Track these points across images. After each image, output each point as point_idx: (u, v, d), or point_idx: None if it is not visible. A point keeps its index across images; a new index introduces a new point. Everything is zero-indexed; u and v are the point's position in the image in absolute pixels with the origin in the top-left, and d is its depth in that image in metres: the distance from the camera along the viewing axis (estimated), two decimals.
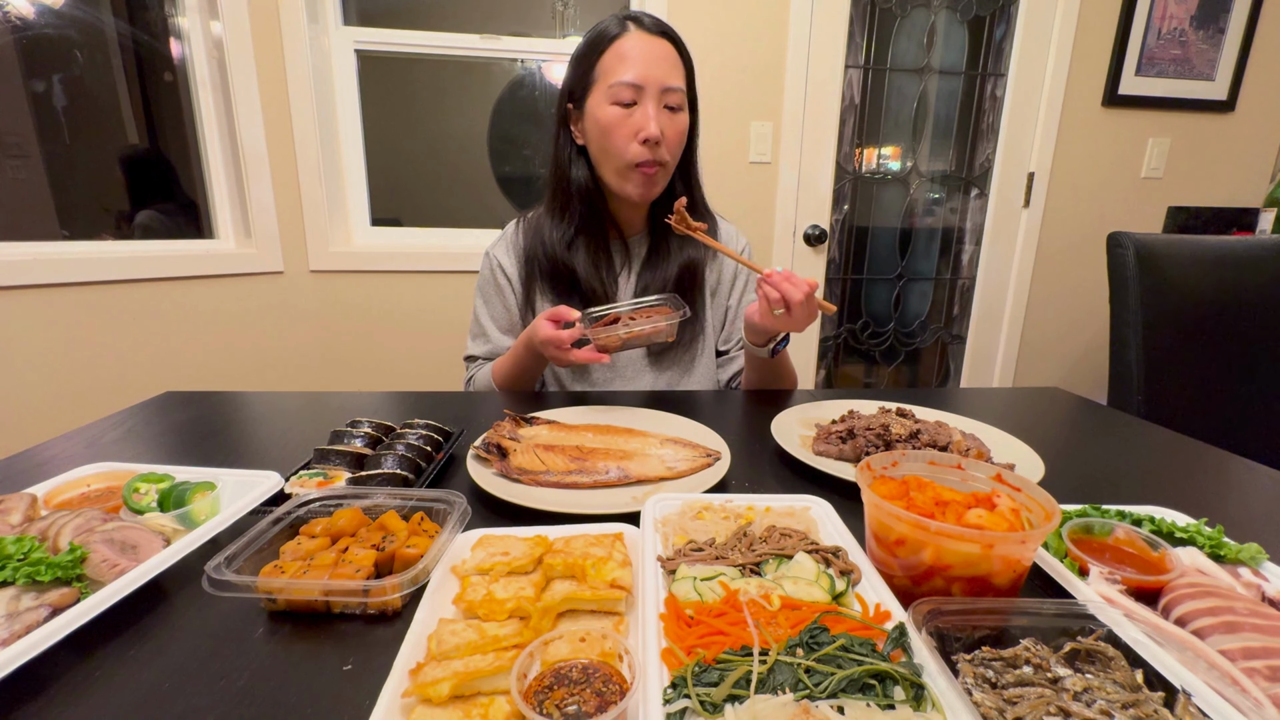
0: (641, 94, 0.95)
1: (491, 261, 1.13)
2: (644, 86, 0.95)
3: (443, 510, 0.57)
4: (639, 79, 0.94)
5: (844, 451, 0.76)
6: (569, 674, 0.37)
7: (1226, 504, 0.70)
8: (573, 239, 1.06)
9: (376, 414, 0.82)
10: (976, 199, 2.27)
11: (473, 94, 2.06)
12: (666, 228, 1.06)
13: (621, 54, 0.95)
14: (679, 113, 0.99)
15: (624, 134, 0.96)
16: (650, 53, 0.95)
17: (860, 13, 2.03)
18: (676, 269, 1.08)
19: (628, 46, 0.95)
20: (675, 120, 0.98)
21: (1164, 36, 2.11)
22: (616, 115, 0.96)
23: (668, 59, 0.96)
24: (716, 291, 1.17)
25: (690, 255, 1.09)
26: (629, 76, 0.94)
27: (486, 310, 1.13)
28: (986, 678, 0.38)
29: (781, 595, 0.45)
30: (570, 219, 1.06)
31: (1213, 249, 1.58)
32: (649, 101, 0.95)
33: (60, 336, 1.61)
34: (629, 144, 0.96)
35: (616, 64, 0.95)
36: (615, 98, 0.95)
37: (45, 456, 0.74)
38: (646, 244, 1.12)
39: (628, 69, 0.94)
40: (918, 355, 2.43)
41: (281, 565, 0.49)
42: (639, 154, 0.96)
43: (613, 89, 0.95)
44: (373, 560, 0.49)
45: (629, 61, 0.95)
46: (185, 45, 1.77)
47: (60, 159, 1.70)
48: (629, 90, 0.95)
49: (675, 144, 1.00)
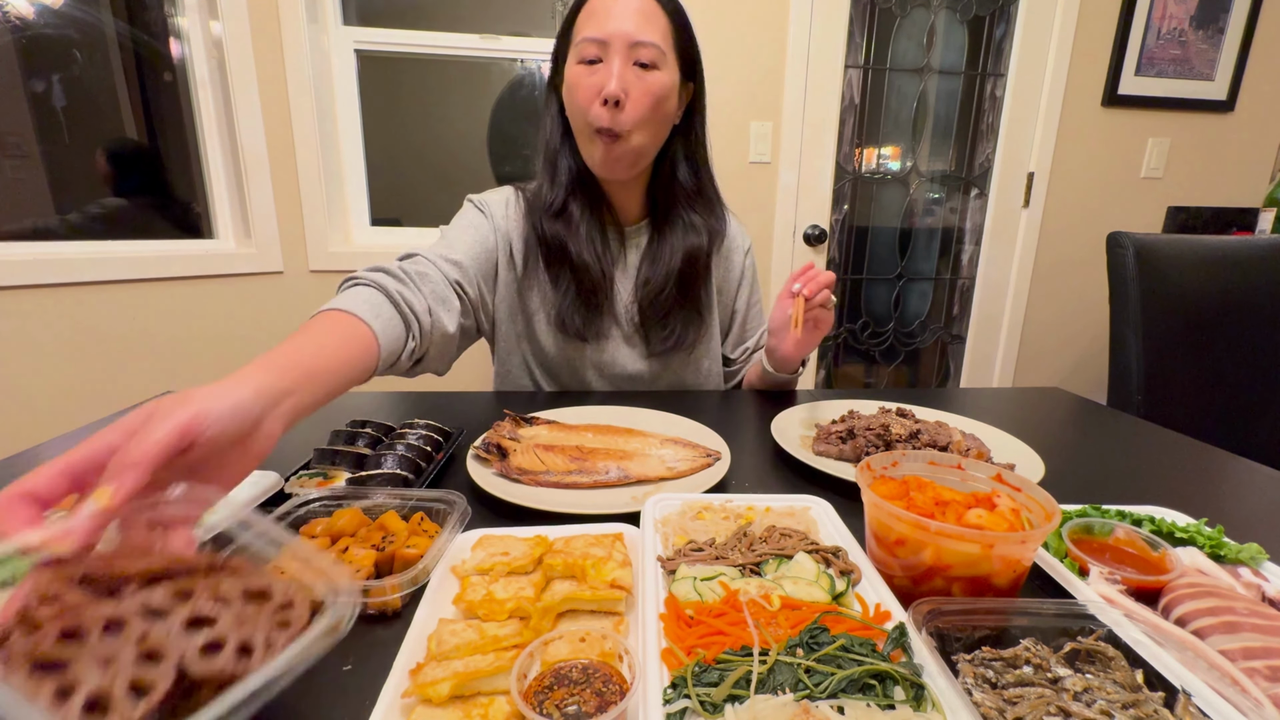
0: (606, 49, 0.86)
1: (473, 200, 1.05)
2: (608, 41, 0.86)
3: (443, 510, 0.56)
4: (604, 34, 0.86)
5: (844, 451, 0.76)
6: (569, 674, 0.37)
7: (1227, 504, 0.70)
8: (563, 206, 0.97)
9: (376, 414, 0.82)
10: (976, 199, 2.27)
11: (473, 94, 2.06)
12: (668, 211, 1.00)
13: (592, 10, 0.88)
14: (652, 71, 0.88)
15: (585, 93, 0.87)
16: (622, 7, 0.86)
17: (860, 13, 2.03)
18: (680, 260, 0.99)
19: (600, 1, 0.88)
20: (645, 79, 0.87)
21: (1164, 36, 2.11)
22: (580, 73, 0.88)
23: (642, 11, 0.87)
24: (723, 290, 1.11)
25: (693, 242, 1.00)
26: (593, 32, 0.86)
27: (454, 232, 1.00)
28: (986, 678, 0.38)
29: (781, 595, 0.45)
30: (560, 186, 0.97)
31: (1213, 249, 1.58)
32: (615, 57, 0.86)
33: (60, 336, 1.61)
34: (591, 104, 0.87)
35: (586, 20, 0.88)
36: (581, 55, 0.88)
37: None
38: (646, 234, 1.04)
39: (594, 24, 0.87)
40: (918, 355, 2.43)
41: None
42: (599, 116, 0.87)
43: (579, 46, 0.88)
44: (373, 560, 0.49)
45: (596, 16, 0.87)
46: (185, 45, 1.76)
47: (60, 159, 1.70)
48: (593, 46, 0.86)
49: (644, 105, 0.87)
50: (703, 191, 1.03)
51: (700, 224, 1.02)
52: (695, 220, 1.02)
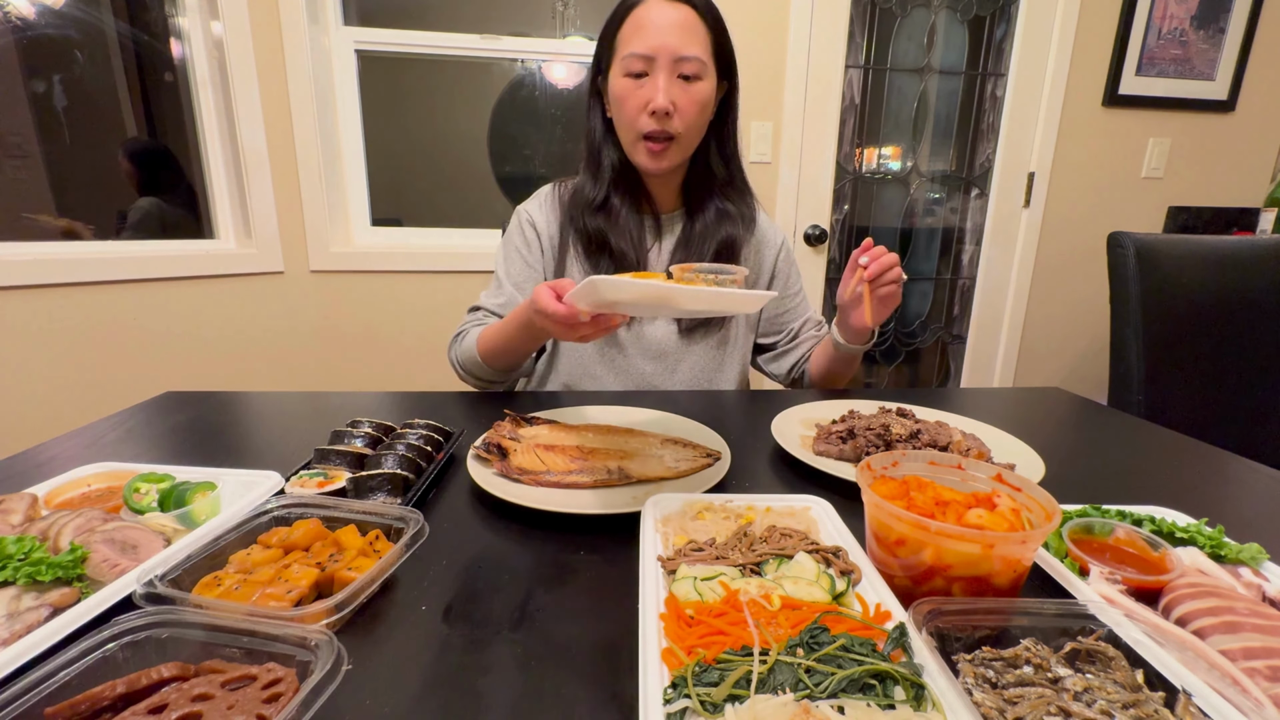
0: (652, 64, 0.93)
1: (521, 216, 1.11)
2: (654, 57, 0.92)
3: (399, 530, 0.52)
4: (650, 49, 0.92)
5: (844, 451, 0.76)
6: None
7: (1227, 504, 0.70)
8: (605, 201, 1.04)
9: (376, 414, 0.82)
10: (976, 199, 2.26)
11: (473, 94, 2.06)
12: (703, 201, 1.05)
13: (638, 23, 0.94)
14: (695, 82, 0.95)
15: (634, 105, 0.95)
16: (666, 20, 0.92)
17: (860, 13, 2.03)
18: (714, 247, 1.05)
19: (644, 15, 0.93)
20: (690, 90, 0.95)
21: (1164, 36, 2.11)
22: (628, 86, 0.95)
23: (685, 26, 0.93)
24: (755, 283, 1.14)
25: (729, 232, 1.06)
26: (640, 47, 0.93)
27: (505, 265, 1.10)
28: (987, 678, 0.38)
29: (782, 595, 0.45)
30: (601, 183, 1.04)
31: (1213, 249, 1.58)
32: (660, 72, 0.93)
33: (60, 336, 1.61)
34: (639, 115, 0.95)
35: (632, 34, 0.94)
36: (627, 69, 0.94)
37: (45, 456, 0.74)
38: (681, 222, 1.09)
39: (640, 39, 0.93)
40: (918, 355, 2.43)
41: (220, 577, 0.46)
42: (646, 125, 0.95)
43: (625, 60, 0.94)
44: (313, 580, 0.46)
45: (642, 31, 0.93)
46: (185, 45, 1.77)
47: (60, 159, 1.70)
48: (639, 61, 0.93)
49: (691, 114, 0.96)
50: (734, 180, 1.09)
51: (733, 211, 1.08)
52: (729, 208, 1.08)
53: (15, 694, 0.33)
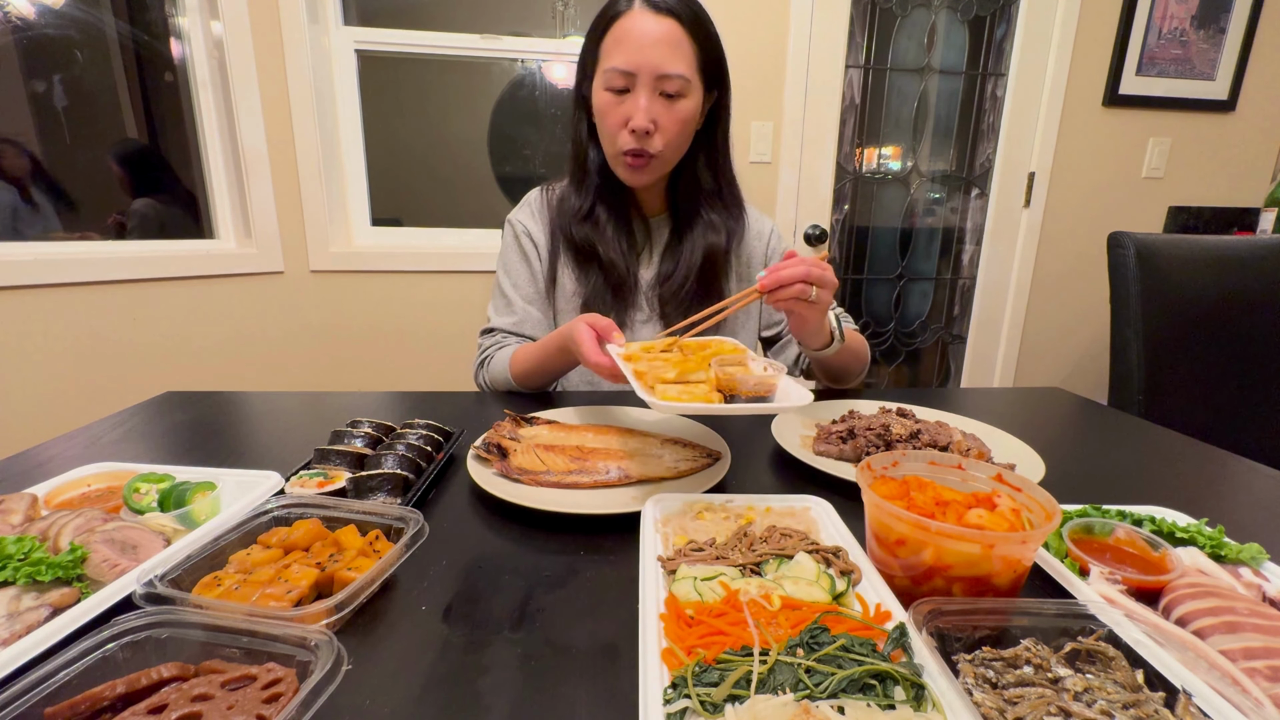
0: (634, 81, 0.90)
1: (515, 228, 1.09)
2: (636, 74, 0.90)
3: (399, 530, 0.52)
4: (631, 65, 0.89)
5: (844, 451, 0.76)
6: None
7: (1227, 504, 0.70)
8: (590, 210, 1.03)
9: (376, 414, 0.82)
10: (977, 199, 2.26)
11: (473, 94, 2.06)
12: (688, 212, 1.03)
13: (619, 36, 0.90)
14: (678, 100, 0.92)
15: (614, 121, 0.93)
16: (649, 35, 0.89)
17: (860, 13, 2.03)
18: (700, 256, 1.03)
19: (627, 28, 0.90)
20: (673, 109, 0.92)
21: (1165, 36, 2.10)
22: (609, 101, 0.93)
23: (668, 42, 0.89)
24: (745, 280, 1.13)
25: (712, 241, 1.04)
26: (621, 63, 0.90)
27: (509, 279, 1.08)
28: (987, 678, 0.38)
29: (782, 595, 0.45)
30: (588, 192, 1.03)
31: (1213, 249, 1.58)
32: (641, 90, 0.90)
33: (60, 336, 1.61)
34: (619, 132, 0.93)
35: (614, 47, 0.91)
36: (609, 83, 0.92)
37: (45, 456, 0.74)
38: (668, 227, 1.08)
39: (621, 54, 0.90)
40: (918, 355, 2.43)
41: (220, 577, 0.46)
42: (626, 142, 0.93)
43: (607, 74, 0.91)
44: (312, 580, 0.46)
45: (624, 46, 0.90)
46: (185, 45, 1.77)
47: (60, 159, 1.70)
48: (621, 77, 0.90)
49: (673, 133, 0.94)
50: (721, 192, 1.06)
51: (719, 223, 1.06)
52: (714, 219, 1.05)
53: (15, 694, 0.33)
